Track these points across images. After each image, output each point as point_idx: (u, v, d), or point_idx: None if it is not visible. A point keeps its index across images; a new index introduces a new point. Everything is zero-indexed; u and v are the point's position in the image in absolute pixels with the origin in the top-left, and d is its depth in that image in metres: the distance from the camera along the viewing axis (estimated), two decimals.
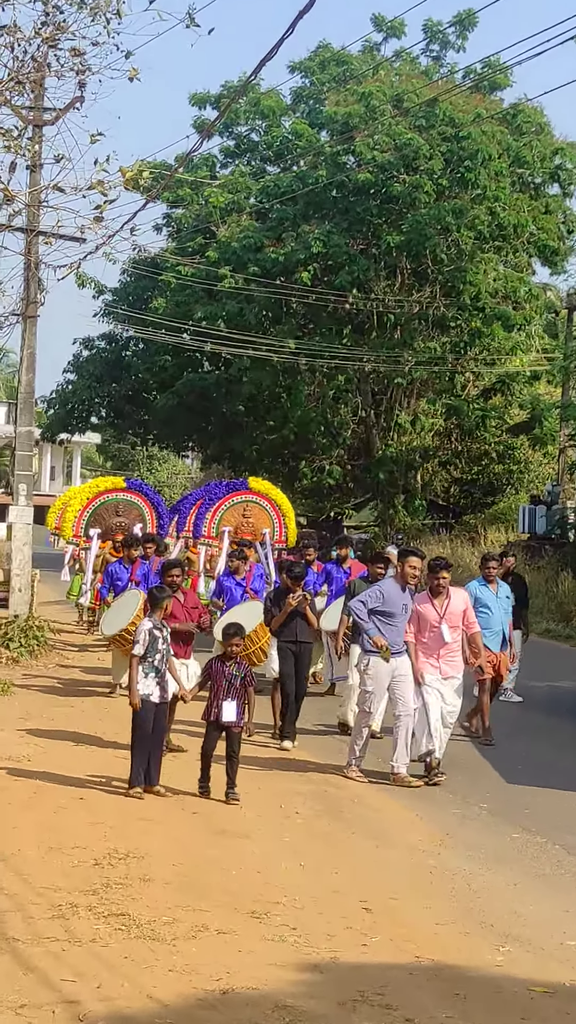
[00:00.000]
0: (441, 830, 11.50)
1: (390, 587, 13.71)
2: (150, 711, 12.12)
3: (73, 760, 13.40)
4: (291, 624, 15.43)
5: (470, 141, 41.79)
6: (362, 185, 42.85)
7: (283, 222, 45.19)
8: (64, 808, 11.30)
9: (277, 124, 50.44)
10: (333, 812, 11.96)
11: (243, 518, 22.89)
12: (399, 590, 13.64)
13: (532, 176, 45.54)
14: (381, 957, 7.98)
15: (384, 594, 13.58)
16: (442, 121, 42.64)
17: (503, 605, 16.62)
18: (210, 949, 7.85)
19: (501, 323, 43.74)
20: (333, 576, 19.18)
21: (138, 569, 18.60)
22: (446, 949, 8.21)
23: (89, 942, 7.86)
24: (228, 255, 45.13)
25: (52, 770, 12.72)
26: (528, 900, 9.50)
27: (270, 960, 7.72)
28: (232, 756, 12.21)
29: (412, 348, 44.45)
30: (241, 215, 47.19)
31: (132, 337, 53.85)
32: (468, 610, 14.05)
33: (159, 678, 12.25)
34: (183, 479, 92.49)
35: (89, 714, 16.53)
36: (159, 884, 9.19)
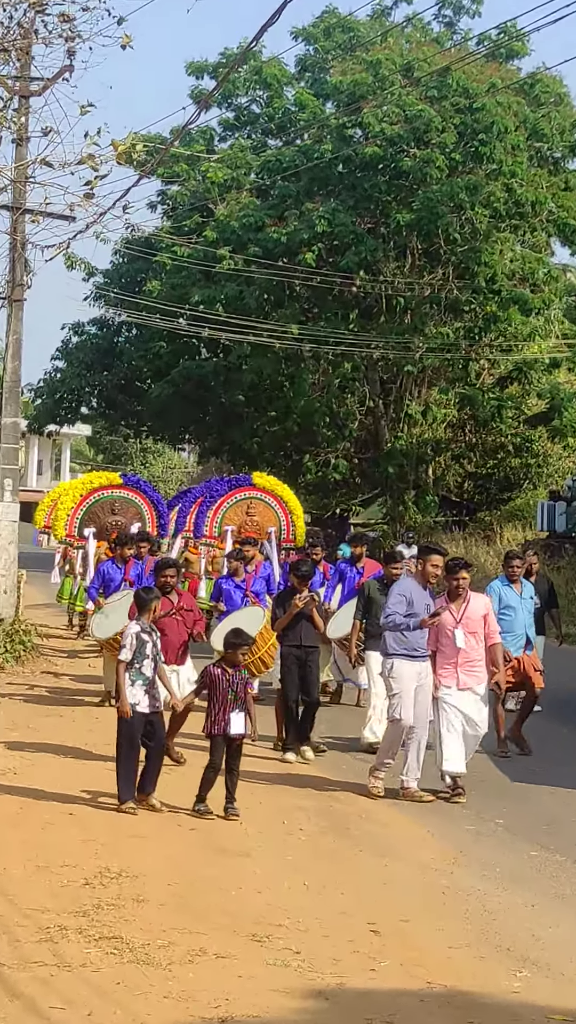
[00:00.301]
0: (454, 847, 11.50)
1: (411, 587, 13.60)
2: (138, 721, 12.03)
3: (62, 773, 13.40)
4: (296, 627, 15.27)
5: (485, 113, 41.78)
6: (370, 160, 42.83)
7: (286, 199, 45.19)
8: (52, 824, 11.31)
9: (279, 94, 50.42)
10: (339, 828, 11.97)
11: (247, 516, 22.78)
12: (420, 589, 13.54)
13: (551, 150, 45.54)
14: (390, 983, 7.98)
15: (408, 596, 13.45)
16: (455, 91, 42.64)
17: (527, 606, 16.53)
18: (208, 974, 7.85)
19: (518, 307, 43.70)
20: (346, 576, 19.06)
21: (131, 569, 18.51)
22: (459, 974, 8.21)
23: (79, 967, 7.86)
24: (227, 235, 45.14)
25: (39, 784, 12.72)
26: (547, 922, 9.50)
27: (272, 986, 7.72)
28: (233, 770, 12.16)
29: (423, 334, 44.45)
30: (241, 192, 47.19)
31: (125, 322, 53.87)
32: (489, 616, 14.02)
33: (147, 686, 12.15)
34: (179, 474, 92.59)
35: (79, 724, 16.54)
36: (154, 905, 9.19)
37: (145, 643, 12.24)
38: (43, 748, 14.69)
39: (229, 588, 18.25)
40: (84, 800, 12.24)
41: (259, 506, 22.96)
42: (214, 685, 12.23)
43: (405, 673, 13.34)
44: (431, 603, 13.55)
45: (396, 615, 13.34)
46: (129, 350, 53.64)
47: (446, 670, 13.59)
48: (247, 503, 22.93)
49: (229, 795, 12.08)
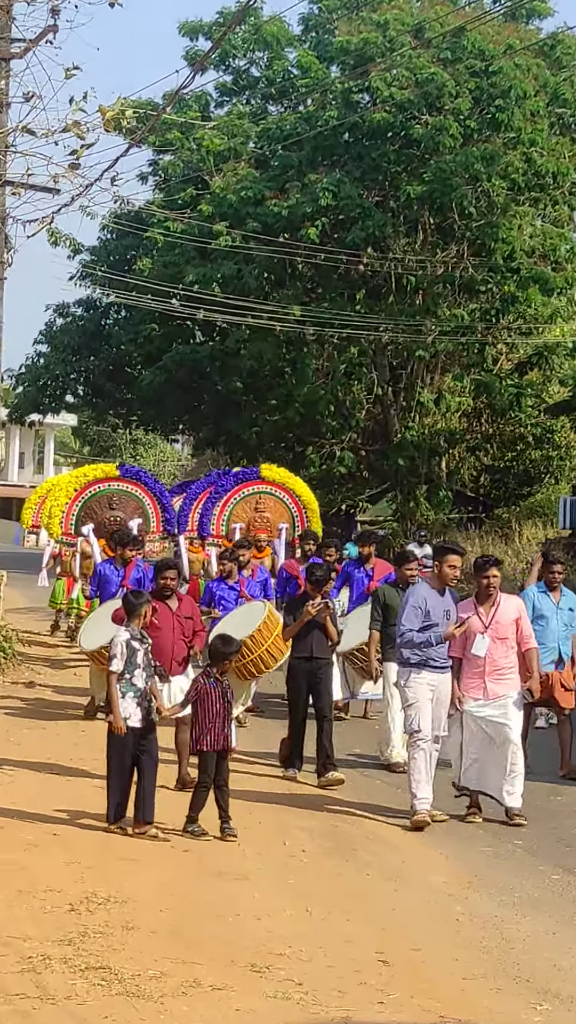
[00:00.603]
0: (469, 870, 11.51)
1: (426, 592, 13.27)
2: (130, 737, 12.02)
3: (45, 790, 13.42)
4: (307, 637, 15.01)
5: (502, 76, 41.77)
6: (378, 127, 42.82)
7: (287, 170, 45.18)
8: (35, 846, 11.31)
9: (280, 56, 50.42)
10: (344, 850, 11.98)
11: (256, 512, 22.67)
12: (437, 595, 13.21)
13: (573, 116, 45.48)
14: (400, 1016, 7.98)
15: (422, 606, 13.09)
16: (470, 54, 42.63)
17: (564, 618, 16.13)
18: (203, 1008, 7.85)
19: (538, 286, 43.68)
20: (354, 578, 18.81)
21: (132, 572, 18.21)
22: (475, 1008, 8.21)
23: (64, 999, 7.86)
24: (224, 208, 45.13)
25: (21, 801, 12.74)
26: (569, 951, 9.50)
27: (272, 1020, 7.73)
28: (223, 786, 12.18)
29: (436, 316, 44.44)
30: (239, 162, 47.16)
31: (113, 303, 53.88)
32: (522, 621, 13.74)
33: (140, 698, 12.08)
34: (172, 466, 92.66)
35: (64, 738, 16.56)
36: (144, 933, 9.20)
37: (136, 651, 12.15)
38: (25, 763, 14.70)
39: (222, 592, 18.14)
40: (69, 820, 12.25)
41: (269, 501, 22.83)
42: (205, 698, 12.17)
43: (422, 683, 13.07)
44: (453, 608, 13.25)
45: (411, 633, 13.02)
46: (118, 333, 53.64)
47: (472, 680, 13.39)
48: (255, 498, 22.80)
49: (223, 814, 12.08)
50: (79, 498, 21.38)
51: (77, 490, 21.43)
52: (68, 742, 16.18)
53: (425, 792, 12.92)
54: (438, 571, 13.34)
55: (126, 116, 15.47)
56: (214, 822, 12.09)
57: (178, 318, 48.74)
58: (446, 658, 13.19)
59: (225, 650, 12.44)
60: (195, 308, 45.22)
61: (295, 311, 43.84)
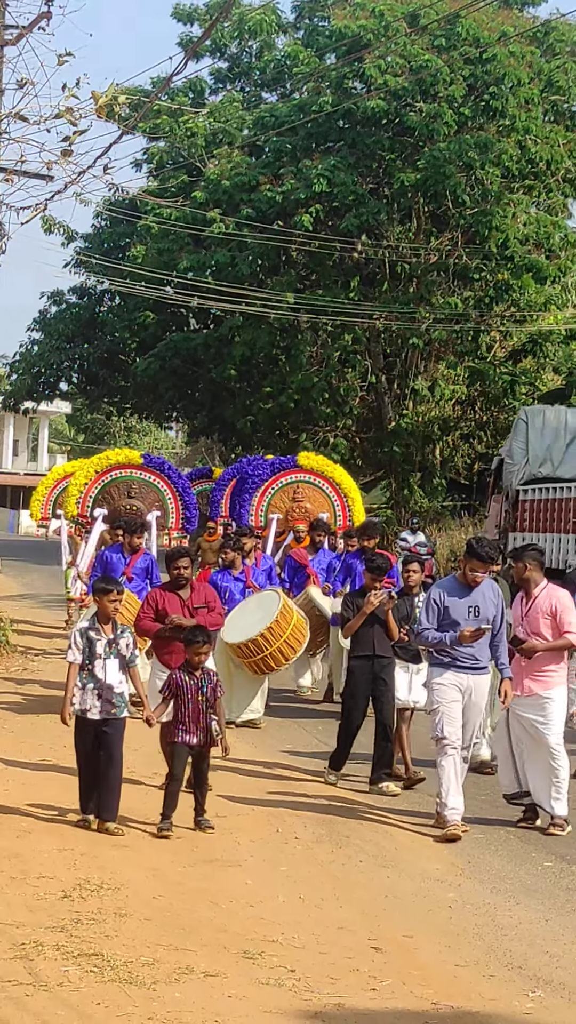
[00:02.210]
0: (462, 858, 11.50)
1: (448, 588, 12.47)
2: (87, 730, 11.65)
3: (38, 779, 13.39)
4: (367, 633, 13.94)
5: (496, 64, 41.77)
6: (372, 114, 42.81)
7: (281, 156, 45.17)
8: (28, 833, 11.31)
9: (270, 45, 50.36)
10: (337, 837, 11.96)
11: (294, 503, 21.98)
12: (462, 592, 12.32)
13: (568, 104, 45.49)
14: (393, 1003, 7.98)
15: (440, 601, 12.33)
16: (464, 41, 42.60)
17: None
18: (196, 994, 7.85)
19: (532, 274, 43.69)
20: (356, 571, 17.90)
21: (138, 560, 17.79)
22: (467, 994, 8.21)
23: (56, 986, 7.86)
24: (217, 195, 45.10)
25: (13, 790, 12.71)
26: (562, 938, 9.50)
27: (265, 1007, 7.73)
28: (202, 781, 11.97)
29: (430, 303, 44.44)
30: (232, 149, 47.11)
31: (107, 291, 53.93)
32: (565, 612, 12.78)
33: (101, 689, 11.56)
34: (166, 454, 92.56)
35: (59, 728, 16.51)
36: (137, 920, 9.19)
37: (95, 642, 11.64)
38: (18, 752, 14.67)
39: (227, 583, 17.52)
40: (62, 809, 12.21)
41: (307, 490, 22.14)
42: (179, 691, 11.86)
43: (448, 684, 12.24)
44: (486, 605, 12.30)
45: (427, 631, 12.28)
46: (112, 320, 53.63)
47: (514, 677, 12.59)
48: (293, 487, 22.14)
49: (199, 807, 11.89)
50: (99, 480, 20.66)
51: (98, 472, 20.72)
52: (64, 731, 16.14)
53: (456, 802, 12.16)
54: (463, 569, 12.49)
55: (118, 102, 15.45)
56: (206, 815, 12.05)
57: (172, 305, 48.72)
58: (477, 658, 12.26)
59: (191, 637, 12.04)
60: (189, 296, 45.19)
61: (289, 298, 43.83)
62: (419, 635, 12.46)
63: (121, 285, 49.23)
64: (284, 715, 18.24)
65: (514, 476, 30.34)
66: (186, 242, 46.82)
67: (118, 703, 11.61)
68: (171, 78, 20.67)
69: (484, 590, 12.33)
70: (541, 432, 30.34)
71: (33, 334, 55.61)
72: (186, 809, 11.88)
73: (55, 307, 55.32)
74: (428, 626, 12.27)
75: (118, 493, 20.59)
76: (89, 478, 20.59)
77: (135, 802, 12.15)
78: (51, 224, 49.12)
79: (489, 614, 12.22)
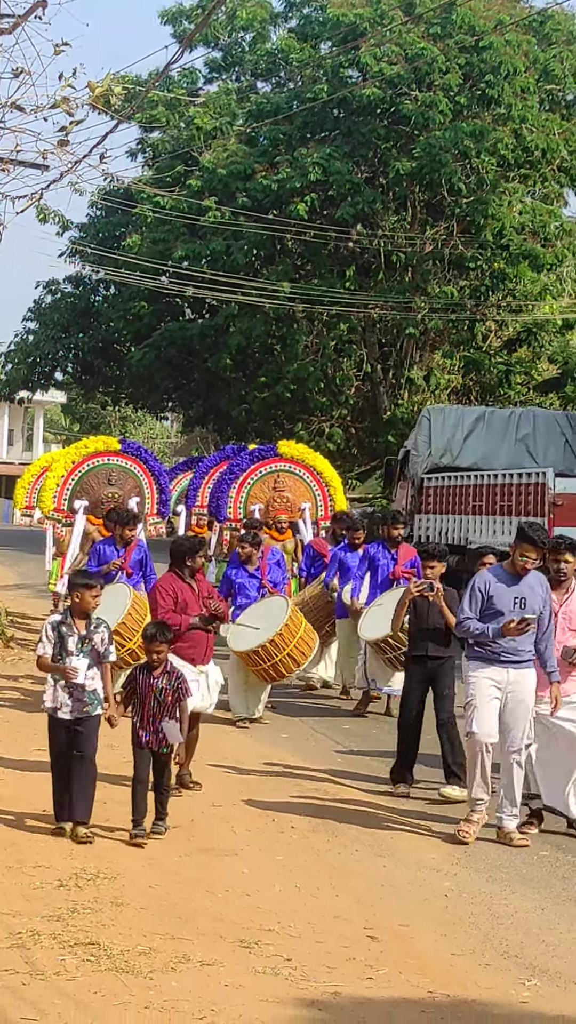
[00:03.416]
0: (458, 847, 11.50)
1: (494, 576, 11.77)
2: (59, 729, 11.10)
3: (34, 769, 13.39)
4: (421, 633, 13.37)
5: (492, 52, 41.73)
6: (367, 103, 42.77)
7: (276, 145, 45.13)
8: (24, 822, 11.31)
9: (264, 37, 50.33)
10: (334, 827, 11.96)
11: (275, 492, 21.30)
12: (509, 580, 11.63)
13: (563, 93, 45.47)
14: (389, 992, 8.00)
15: (485, 590, 11.65)
16: (460, 29, 42.57)
17: None
18: (192, 983, 7.87)
19: (528, 263, 43.67)
20: (378, 562, 17.50)
21: (133, 554, 17.20)
22: (463, 983, 8.23)
23: (53, 975, 7.87)
24: (213, 183, 45.05)
25: (9, 779, 12.71)
26: (558, 927, 9.51)
27: (261, 995, 7.74)
28: (162, 786, 11.35)
29: (425, 293, 44.42)
30: (228, 138, 47.08)
31: (103, 280, 53.89)
32: None
33: (72, 687, 10.98)
34: (161, 444, 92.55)
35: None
36: (133, 909, 9.20)
37: (66, 637, 11.04)
38: (12, 743, 14.68)
39: (243, 580, 16.75)
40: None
41: (288, 479, 21.54)
42: (140, 691, 11.34)
43: (485, 679, 11.58)
44: (533, 596, 11.59)
45: (468, 621, 11.60)
46: (107, 310, 53.63)
47: (542, 675, 11.89)
48: (274, 477, 21.49)
49: (159, 812, 11.30)
50: (76, 471, 19.90)
51: (75, 462, 20.00)
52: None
53: (482, 795, 11.71)
54: (511, 559, 11.71)
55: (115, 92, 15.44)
56: (200, 815, 12.06)
57: (167, 295, 48.68)
58: (519, 652, 11.59)
59: (151, 632, 11.50)
60: (184, 285, 45.19)
61: (284, 288, 43.81)
62: (459, 624, 11.77)
63: (116, 275, 49.21)
64: (288, 710, 18.08)
65: (419, 466, 33.51)
66: (181, 231, 46.79)
67: (90, 700, 11.04)
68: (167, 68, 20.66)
69: (531, 581, 11.64)
70: (442, 428, 33.62)
71: (28, 323, 55.70)
72: (179, 805, 11.89)
73: (50, 296, 55.32)
74: (470, 615, 11.62)
75: (97, 482, 19.90)
76: (66, 469, 19.93)
77: (122, 804, 12.13)
78: (46, 213, 49.05)
79: (536, 606, 11.55)
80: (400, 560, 17.31)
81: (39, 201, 22.14)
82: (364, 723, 17.40)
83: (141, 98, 26.92)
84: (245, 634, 16.00)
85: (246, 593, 16.62)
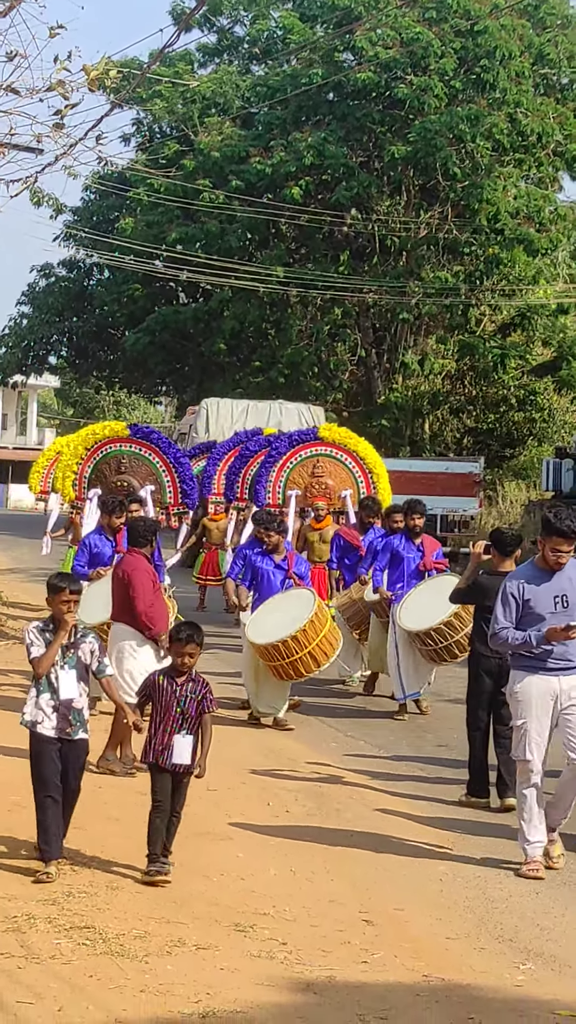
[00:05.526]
0: (453, 831, 11.51)
1: (527, 575, 10.56)
2: (44, 749, 9.72)
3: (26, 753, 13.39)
4: (487, 627, 11.65)
5: (487, 36, 41.68)
6: (363, 87, 42.72)
7: (271, 128, 45.05)
8: (20, 806, 11.30)
9: (265, 15, 50.21)
10: (328, 811, 11.97)
11: (313, 478, 20.36)
12: (544, 578, 10.43)
13: (558, 76, 45.41)
14: (384, 976, 8.01)
15: (518, 594, 10.46)
16: (455, 13, 42.51)
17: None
18: (187, 967, 7.88)
19: (523, 248, 43.64)
20: (402, 554, 16.59)
21: (123, 541, 15.67)
22: (458, 967, 8.24)
23: (49, 959, 7.88)
24: (207, 166, 44.99)
25: (4, 764, 12.70)
26: (553, 911, 9.52)
27: (256, 979, 7.76)
28: (176, 814, 9.87)
29: (420, 277, 44.42)
30: (224, 119, 47.01)
31: (97, 264, 53.84)
32: None
33: (57, 703, 9.71)
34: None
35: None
36: (128, 893, 9.21)
37: (53, 644, 9.76)
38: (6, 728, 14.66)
39: (267, 569, 15.71)
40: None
41: (328, 464, 20.47)
42: (156, 697, 9.93)
43: (535, 693, 10.40)
44: (571, 592, 10.43)
45: (505, 631, 10.43)
46: (101, 294, 53.61)
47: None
48: (313, 462, 20.46)
49: (165, 845, 9.81)
50: (91, 459, 19.14)
51: (89, 450, 19.20)
52: None
53: (538, 835, 10.41)
54: (542, 552, 10.52)
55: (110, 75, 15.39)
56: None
57: (161, 279, 48.71)
58: (569, 656, 10.42)
59: (179, 635, 9.95)
60: (178, 269, 45.18)
61: (278, 272, 43.80)
62: (496, 636, 10.51)
63: (110, 259, 49.21)
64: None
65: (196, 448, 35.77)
66: (176, 214, 46.74)
67: (75, 721, 9.72)
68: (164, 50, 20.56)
69: (570, 573, 10.41)
70: (217, 416, 38.27)
71: (22, 308, 55.63)
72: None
73: (44, 281, 55.27)
74: (506, 624, 10.40)
75: (109, 470, 19.06)
76: (80, 457, 19.15)
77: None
78: (41, 197, 48.99)
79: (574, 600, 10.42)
80: (427, 551, 16.54)
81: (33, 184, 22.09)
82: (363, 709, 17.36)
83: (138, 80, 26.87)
84: (264, 626, 15.32)
85: (270, 583, 15.69)
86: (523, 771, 10.43)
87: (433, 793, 12.85)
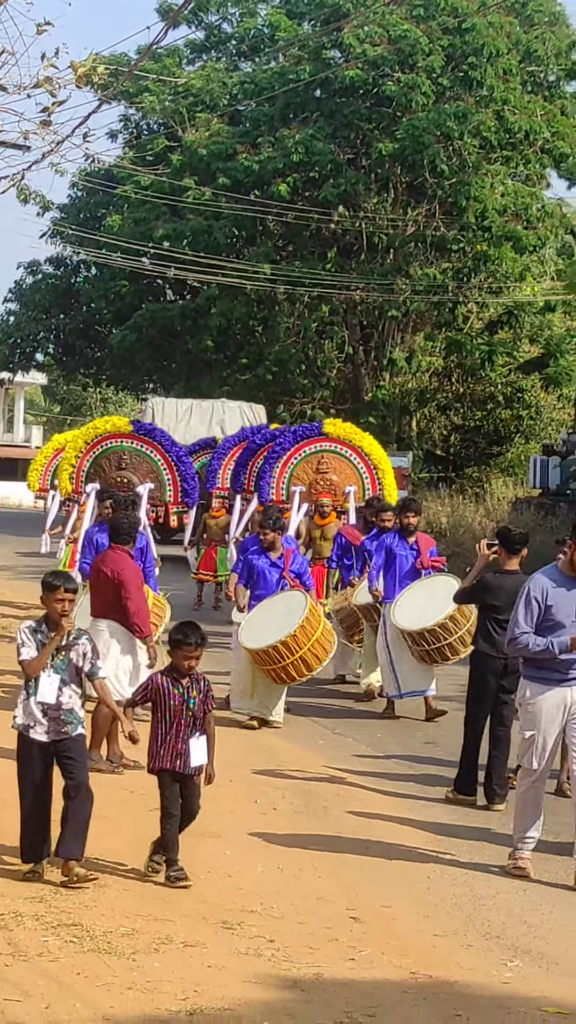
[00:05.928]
0: (440, 829, 11.52)
1: (550, 580, 10.25)
2: (32, 753, 9.61)
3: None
4: (500, 627, 11.95)
5: (475, 34, 41.70)
6: (350, 84, 42.70)
7: (258, 125, 45.04)
8: (6, 803, 11.29)
9: (252, 12, 50.20)
10: (316, 808, 11.98)
11: (318, 474, 20.09)
12: (568, 584, 10.19)
13: (545, 74, 45.48)
14: (371, 973, 8.02)
15: (542, 598, 10.19)
16: (443, 11, 42.52)
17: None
18: (175, 964, 7.88)
19: (510, 245, 43.67)
20: (396, 553, 16.31)
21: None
22: (446, 964, 8.26)
23: (36, 956, 7.88)
24: (194, 163, 44.98)
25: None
26: (540, 908, 9.54)
27: (244, 976, 7.76)
28: (190, 816, 9.86)
29: (407, 275, 44.42)
30: (212, 116, 46.97)
31: (84, 261, 53.77)
32: None
33: (46, 707, 9.54)
34: None
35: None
36: (116, 890, 9.22)
37: (45, 645, 9.58)
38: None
39: (263, 566, 15.50)
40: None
41: (333, 460, 20.18)
42: (160, 701, 9.74)
43: (547, 706, 10.20)
44: None
45: (525, 636, 10.13)
46: (88, 291, 53.59)
47: None
48: (317, 457, 20.17)
49: (165, 847, 9.74)
50: (91, 453, 19.04)
51: (88, 443, 19.13)
52: None
53: (532, 832, 10.37)
54: (569, 555, 10.30)
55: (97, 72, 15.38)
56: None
57: (148, 276, 48.65)
58: None
59: (179, 637, 9.78)
60: (165, 266, 45.17)
61: (265, 269, 43.81)
62: (514, 641, 10.23)
63: (97, 255, 49.16)
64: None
65: None
66: (162, 211, 46.72)
67: (69, 720, 9.55)
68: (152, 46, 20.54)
69: None
70: (163, 414, 38.48)
71: (9, 304, 55.58)
72: None
73: (31, 278, 55.21)
74: (527, 628, 10.12)
75: (109, 465, 18.96)
76: (80, 451, 19.11)
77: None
78: (27, 194, 48.92)
79: None
80: (422, 550, 16.25)
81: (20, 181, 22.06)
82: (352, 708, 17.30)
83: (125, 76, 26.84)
84: (257, 629, 15.15)
85: (266, 582, 15.48)
86: (526, 775, 10.39)
87: (421, 791, 12.87)
